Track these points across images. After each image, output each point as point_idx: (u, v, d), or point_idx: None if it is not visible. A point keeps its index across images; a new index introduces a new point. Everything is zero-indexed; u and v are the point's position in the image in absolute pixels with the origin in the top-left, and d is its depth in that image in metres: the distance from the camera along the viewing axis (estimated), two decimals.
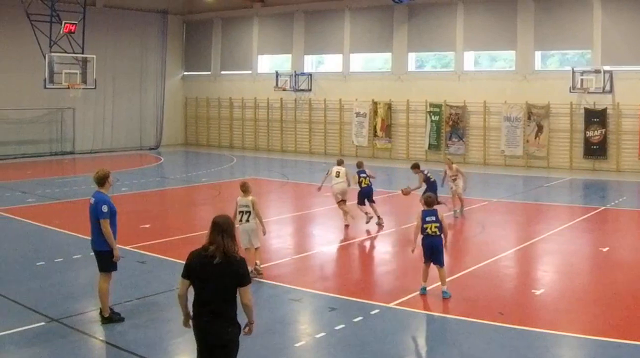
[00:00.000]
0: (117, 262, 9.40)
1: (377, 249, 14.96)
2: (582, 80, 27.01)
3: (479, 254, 13.58)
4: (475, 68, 31.39)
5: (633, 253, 14.02)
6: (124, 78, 37.25)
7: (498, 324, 9.29)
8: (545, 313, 9.96)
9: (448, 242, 11.01)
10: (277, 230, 15.94)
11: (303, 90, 35.31)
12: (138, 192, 22.27)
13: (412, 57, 32.82)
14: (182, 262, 6.19)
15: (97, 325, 9.23)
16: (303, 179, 25.76)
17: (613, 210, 18.92)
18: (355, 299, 10.51)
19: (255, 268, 11.51)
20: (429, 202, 10.91)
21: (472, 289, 11.12)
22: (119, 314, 9.48)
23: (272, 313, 9.86)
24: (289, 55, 36.59)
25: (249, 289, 6.08)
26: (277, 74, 35.41)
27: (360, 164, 16.94)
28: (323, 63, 36.89)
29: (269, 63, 38.00)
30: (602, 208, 18.95)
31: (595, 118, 27.27)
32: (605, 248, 14.09)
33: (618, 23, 26.98)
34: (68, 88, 29.28)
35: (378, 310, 9.91)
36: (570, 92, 27.27)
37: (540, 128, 28.55)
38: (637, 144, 26.63)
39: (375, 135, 33.09)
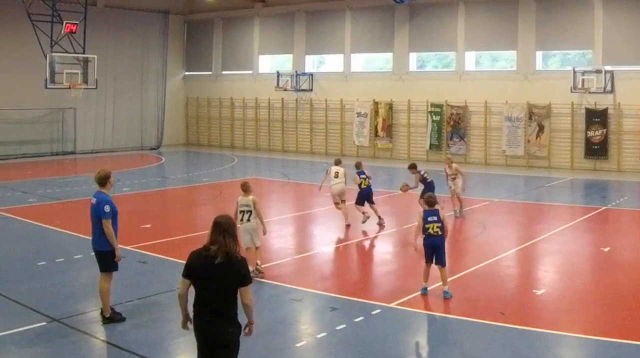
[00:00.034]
0: (118, 262, 9.41)
1: (378, 249, 14.96)
2: (583, 80, 27.01)
3: (480, 254, 13.58)
4: (477, 68, 31.38)
5: (634, 253, 14.02)
6: (125, 78, 37.24)
7: (499, 324, 9.29)
8: (547, 313, 9.96)
9: (446, 240, 11.00)
10: (278, 230, 15.95)
11: (304, 90, 35.31)
12: (139, 192, 22.28)
13: (413, 57, 32.81)
14: (183, 262, 6.19)
15: (98, 325, 9.24)
16: (304, 179, 25.76)
17: (614, 210, 18.91)
18: (357, 299, 10.52)
19: (257, 268, 11.51)
20: (431, 202, 10.90)
21: (473, 289, 11.12)
22: (120, 314, 9.48)
23: (273, 313, 9.87)
24: (290, 55, 36.59)
25: (250, 289, 6.09)
26: (278, 74, 35.38)
27: (359, 165, 16.86)
28: (324, 63, 36.88)
29: (270, 63, 38.00)
30: (603, 208, 18.94)
31: (596, 118, 27.26)
32: (607, 248, 14.09)
33: (619, 23, 26.97)
34: (69, 88, 29.29)
35: (379, 310, 9.91)
36: (572, 92, 27.26)
37: (541, 128, 28.54)
38: (638, 144, 26.64)
39: (377, 135, 33.09)
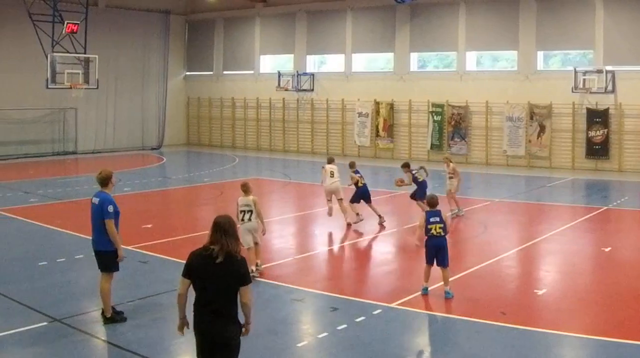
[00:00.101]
0: (120, 262, 9.42)
1: (379, 249, 14.95)
2: (584, 80, 26.98)
3: (481, 254, 13.58)
4: (478, 68, 31.38)
5: (635, 253, 14.02)
6: (126, 78, 37.25)
7: (500, 324, 9.29)
8: (548, 313, 9.96)
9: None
10: (279, 230, 15.96)
11: (305, 90, 35.31)
12: (140, 192, 22.28)
13: (414, 57, 32.81)
14: (184, 262, 6.18)
15: (99, 325, 9.24)
16: (305, 179, 25.75)
17: (615, 210, 18.90)
18: (358, 299, 10.52)
19: (257, 267, 11.50)
20: (432, 203, 10.88)
21: (474, 289, 11.12)
22: (122, 313, 9.50)
23: (274, 313, 9.87)
24: (291, 55, 36.59)
25: (250, 289, 6.10)
26: (279, 74, 35.39)
27: (353, 164, 17.04)
28: (325, 63, 36.88)
29: (271, 63, 38.00)
30: (604, 208, 18.93)
31: (598, 118, 27.25)
32: (608, 248, 14.08)
33: (620, 23, 26.95)
34: (70, 88, 29.31)
35: (380, 310, 9.90)
36: (573, 92, 27.24)
37: (543, 128, 28.54)
38: (639, 144, 26.63)
39: (378, 135, 33.09)
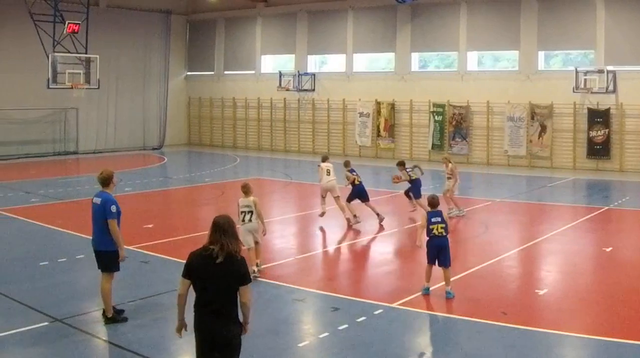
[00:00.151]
0: (122, 262, 9.42)
1: (379, 249, 14.94)
2: (585, 80, 26.95)
3: (482, 254, 13.57)
4: (479, 68, 31.36)
5: (636, 253, 14.01)
6: (127, 78, 37.25)
7: (501, 324, 9.29)
8: (549, 313, 9.96)
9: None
10: (280, 230, 15.97)
11: (306, 90, 35.31)
12: (141, 192, 22.29)
13: (415, 57, 32.80)
14: (185, 262, 6.19)
15: (100, 325, 9.24)
16: (306, 179, 25.71)
17: (616, 210, 18.89)
18: (359, 299, 10.53)
19: (257, 267, 11.49)
20: (434, 203, 10.89)
21: (475, 289, 11.12)
22: (123, 311, 9.51)
23: (275, 313, 9.87)
24: (292, 55, 36.59)
25: (249, 288, 6.11)
26: (280, 74, 35.39)
27: (348, 163, 17.14)
28: (326, 63, 36.87)
29: (272, 63, 38.01)
30: (605, 208, 18.92)
31: (599, 118, 27.24)
32: (609, 248, 14.08)
33: (621, 23, 26.94)
34: (71, 88, 29.31)
35: (381, 310, 9.90)
36: (574, 92, 27.22)
37: (544, 128, 28.52)
38: None
39: (379, 135, 33.08)
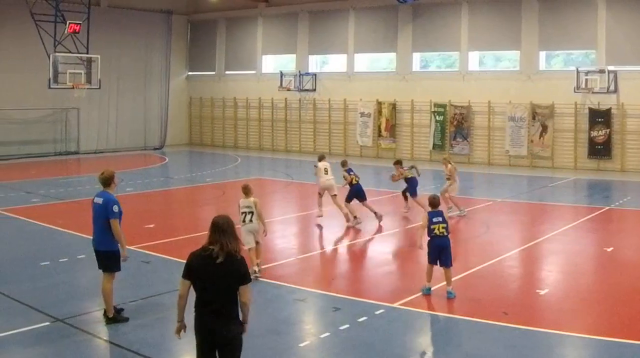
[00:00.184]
0: (124, 262, 9.43)
1: (380, 249, 14.92)
2: (586, 80, 26.93)
3: (484, 254, 13.56)
4: (480, 68, 31.36)
5: (637, 253, 14.01)
6: (129, 78, 37.26)
7: (502, 324, 9.28)
8: (550, 313, 9.95)
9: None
10: (281, 230, 15.97)
11: (307, 90, 35.31)
12: (142, 192, 22.30)
13: (416, 57, 32.79)
14: (185, 262, 6.20)
15: (101, 325, 9.24)
16: (307, 179, 25.69)
17: (617, 210, 18.88)
18: (360, 299, 10.52)
19: (258, 267, 11.48)
20: (434, 203, 10.88)
21: (476, 289, 11.12)
22: (123, 310, 9.51)
23: (276, 313, 9.87)
24: (294, 55, 36.58)
25: (249, 288, 6.11)
26: (281, 74, 35.38)
27: (345, 163, 17.12)
28: (327, 63, 36.87)
29: (274, 63, 38.02)
30: (606, 208, 18.91)
31: (600, 118, 27.22)
32: (610, 248, 14.07)
33: (622, 23, 26.92)
34: (72, 88, 29.28)
35: (382, 310, 9.90)
36: (575, 92, 27.21)
37: (545, 128, 28.51)
38: None
39: (380, 135, 33.08)
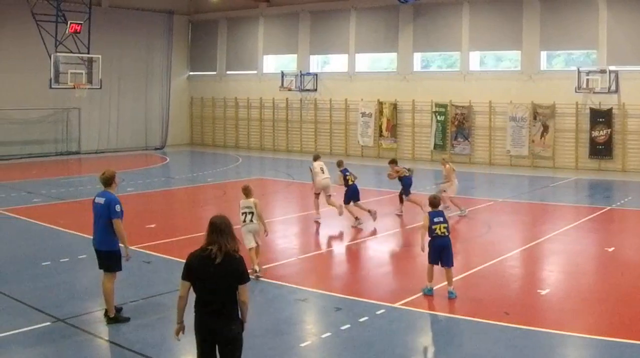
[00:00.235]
0: (126, 261, 9.43)
1: (382, 249, 14.91)
2: (587, 80, 26.92)
3: (485, 254, 13.56)
4: (481, 68, 31.35)
5: (638, 253, 14.01)
6: (130, 78, 37.28)
7: (504, 324, 9.28)
8: (551, 313, 9.94)
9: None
10: (282, 230, 15.98)
11: (308, 90, 35.31)
12: (143, 192, 22.30)
13: (417, 57, 32.79)
14: (184, 263, 6.20)
15: (102, 325, 9.24)
16: (308, 179, 25.58)
17: (618, 210, 18.87)
18: (361, 299, 10.52)
19: (258, 267, 11.48)
20: (435, 203, 10.88)
21: (477, 289, 11.11)
22: (122, 309, 9.51)
23: (277, 313, 9.87)
24: (295, 55, 36.58)
25: (248, 287, 6.12)
26: (282, 74, 35.38)
27: (341, 163, 17.19)
28: (328, 63, 36.86)
29: (275, 63, 38.03)
30: (607, 208, 18.90)
31: (601, 118, 27.20)
32: (611, 248, 14.06)
33: (623, 23, 26.90)
34: (74, 88, 29.29)
35: (384, 310, 9.90)
36: (576, 92, 27.20)
37: (546, 128, 28.50)
38: None
39: (381, 135, 33.07)
